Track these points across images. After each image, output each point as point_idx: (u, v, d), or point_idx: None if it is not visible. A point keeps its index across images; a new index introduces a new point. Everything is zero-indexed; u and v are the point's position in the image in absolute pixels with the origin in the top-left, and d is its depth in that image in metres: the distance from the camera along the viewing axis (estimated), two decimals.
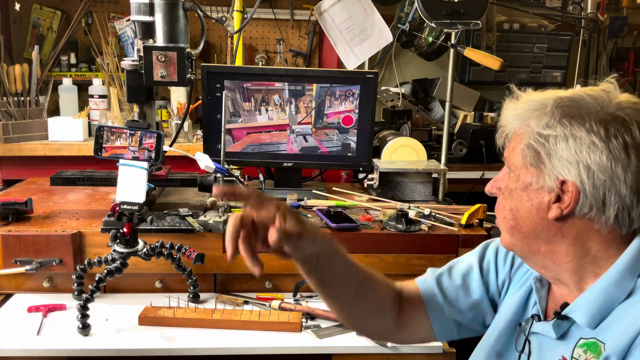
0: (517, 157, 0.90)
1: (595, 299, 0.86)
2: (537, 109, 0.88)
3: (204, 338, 1.43)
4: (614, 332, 0.83)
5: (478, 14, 1.91)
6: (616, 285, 0.85)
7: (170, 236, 1.56)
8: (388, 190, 2.04)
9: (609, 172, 0.82)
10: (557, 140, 0.85)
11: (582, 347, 0.86)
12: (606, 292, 0.85)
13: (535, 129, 0.87)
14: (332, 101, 1.99)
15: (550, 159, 0.85)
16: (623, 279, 0.85)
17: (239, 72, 1.98)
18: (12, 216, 1.66)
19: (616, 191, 0.82)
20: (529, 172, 0.89)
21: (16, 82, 2.38)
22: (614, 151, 0.81)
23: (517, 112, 0.91)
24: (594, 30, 2.94)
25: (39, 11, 2.75)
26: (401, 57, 3.04)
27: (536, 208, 0.88)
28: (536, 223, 0.89)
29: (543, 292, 0.99)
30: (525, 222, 0.91)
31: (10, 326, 1.46)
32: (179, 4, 1.59)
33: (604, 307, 0.85)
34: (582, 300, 0.88)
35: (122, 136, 1.43)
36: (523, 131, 0.90)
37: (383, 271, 1.65)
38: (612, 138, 0.82)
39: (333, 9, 2.26)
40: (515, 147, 0.91)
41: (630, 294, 0.85)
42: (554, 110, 0.86)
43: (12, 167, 2.41)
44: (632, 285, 0.85)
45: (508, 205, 0.93)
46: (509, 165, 0.94)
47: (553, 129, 0.85)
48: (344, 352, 1.42)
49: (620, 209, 0.83)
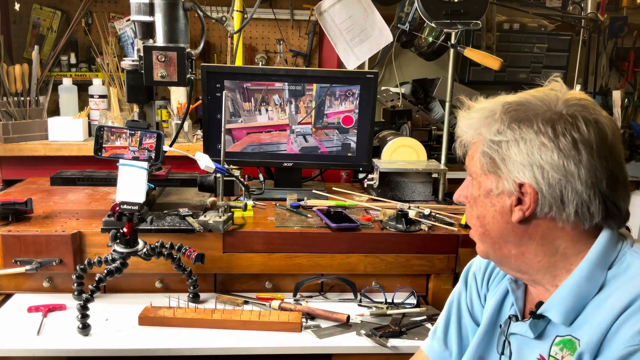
0: (475, 165, 0.93)
1: (568, 296, 0.87)
2: (487, 117, 0.91)
3: (204, 338, 1.43)
4: (587, 328, 0.84)
5: (478, 14, 1.91)
6: (587, 281, 0.86)
7: (170, 236, 1.56)
8: (388, 190, 2.04)
9: (562, 170, 0.83)
10: (508, 145, 0.87)
11: (558, 345, 0.88)
12: (578, 288, 0.87)
13: (487, 136, 0.89)
14: (332, 101, 1.99)
15: (505, 164, 0.88)
16: (593, 274, 0.86)
17: (239, 72, 1.98)
18: (12, 216, 1.66)
19: (572, 188, 0.84)
20: (488, 179, 0.91)
21: (16, 82, 2.38)
22: (564, 149, 0.83)
23: (470, 121, 0.94)
24: (594, 30, 2.94)
25: (39, 11, 2.75)
26: (401, 57, 3.04)
27: (500, 213, 0.91)
28: (502, 227, 0.91)
29: (519, 292, 1.00)
30: (492, 228, 0.93)
31: (10, 326, 1.45)
32: (179, 4, 1.59)
33: (577, 303, 0.86)
34: (555, 298, 0.89)
35: (122, 136, 1.43)
36: (477, 140, 0.92)
37: (383, 271, 1.67)
38: (560, 136, 0.83)
39: (333, 9, 2.26)
40: (472, 155, 0.94)
41: (602, 287, 0.86)
42: (502, 116, 0.88)
43: (12, 167, 2.41)
44: (602, 279, 0.86)
45: (474, 212, 0.95)
46: (470, 174, 0.96)
47: (504, 134, 0.87)
48: (344, 352, 1.42)
49: (579, 205, 0.85)
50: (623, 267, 0.86)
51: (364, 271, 1.67)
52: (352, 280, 1.66)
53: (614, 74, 3.16)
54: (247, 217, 1.74)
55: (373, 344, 1.42)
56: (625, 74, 3.13)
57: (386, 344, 1.42)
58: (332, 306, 1.60)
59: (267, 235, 1.64)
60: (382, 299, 1.63)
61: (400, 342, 1.43)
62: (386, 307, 1.59)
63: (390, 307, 1.59)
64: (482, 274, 1.12)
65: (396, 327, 1.47)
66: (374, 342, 1.42)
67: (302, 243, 1.65)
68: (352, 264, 1.66)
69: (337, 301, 1.66)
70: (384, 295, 1.63)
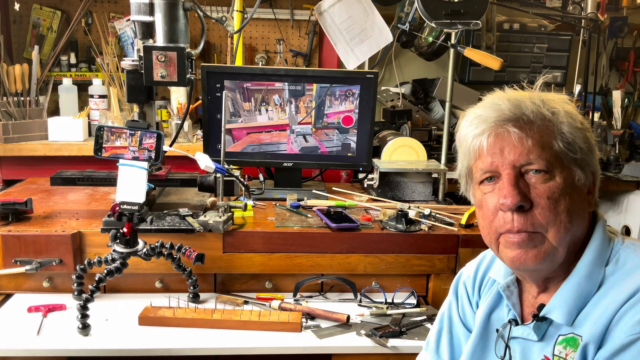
0: (551, 158, 0.88)
1: (570, 296, 0.88)
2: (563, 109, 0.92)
3: (204, 338, 1.43)
4: (588, 323, 0.85)
5: (478, 14, 1.91)
6: (587, 279, 0.88)
7: (170, 236, 1.56)
8: (388, 190, 2.04)
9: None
10: (585, 133, 0.90)
11: (561, 344, 0.88)
12: (578, 288, 0.88)
13: (567, 126, 0.90)
14: (332, 101, 1.99)
15: (582, 153, 0.90)
16: (592, 273, 0.88)
17: (239, 72, 1.98)
18: (12, 216, 1.66)
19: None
20: (569, 170, 0.90)
21: (16, 82, 2.38)
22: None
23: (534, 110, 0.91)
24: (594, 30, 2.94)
25: (39, 11, 2.75)
26: (401, 57, 3.04)
27: (584, 200, 0.91)
28: (584, 219, 0.91)
29: (514, 298, 1.00)
30: (577, 221, 0.90)
31: (10, 326, 1.45)
32: (179, 4, 1.59)
33: (579, 302, 0.88)
34: (557, 299, 0.90)
35: (122, 136, 1.43)
36: (548, 133, 0.89)
37: (383, 271, 1.67)
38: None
39: (333, 9, 2.26)
40: (546, 146, 0.88)
41: (601, 284, 0.87)
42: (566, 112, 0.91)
43: (12, 167, 2.41)
44: (600, 276, 0.88)
45: (562, 207, 0.88)
46: (544, 166, 0.88)
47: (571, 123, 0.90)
48: (344, 352, 1.42)
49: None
50: (620, 263, 0.88)
51: (364, 271, 1.67)
52: (352, 280, 1.66)
53: (614, 74, 3.16)
54: (247, 217, 1.74)
55: (373, 344, 1.42)
56: (625, 74, 3.13)
57: (386, 344, 1.42)
58: (332, 306, 1.60)
59: (267, 235, 1.64)
60: (382, 299, 1.63)
61: (400, 342, 1.43)
62: (386, 307, 1.59)
63: (390, 307, 1.59)
64: (473, 281, 1.12)
65: (396, 327, 1.47)
66: (374, 342, 1.42)
67: (302, 243, 1.65)
68: (352, 264, 1.66)
69: (337, 301, 1.66)
70: (384, 295, 1.63)
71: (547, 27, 2.98)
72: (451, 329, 1.14)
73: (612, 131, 2.77)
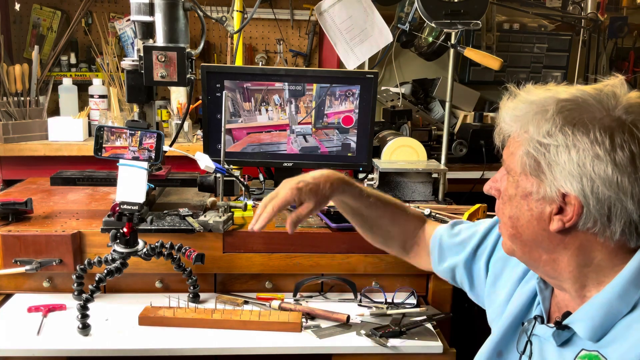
0: (516, 163, 0.86)
1: (597, 312, 0.82)
2: (537, 113, 0.82)
3: (204, 338, 1.43)
4: (618, 347, 0.79)
5: (478, 14, 1.91)
6: (620, 298, 0.81)
7: (170, 236, 1.56)
8: (388, 190, 2.04)
9: (614, 187, 0.76)
10: (558, 150, 0.79)
11: (583, 359, 0.83)
12: (609, 305, 0.81)
13: (535, 136, 0.81)
14: (332, 101, 1.99)
15: (552, 170, 0.80)
16: (627, 292, 0.80)
17: (239, 72, 1.98)
18: (12, 216, 1.66)
19: (622, 206, 0.77)
20: (529, 181, 0.84)
21: (16, 82, 2.38)
22: (620, 163, 0.76)
23: (516, 113, 0.86)
24: (594, 30, 2.94)
25: (39, 11, 2.75)
26: (401, 57, 3.04)
27: (537, 219, 0.85)
28: (537, 233, 0.86)
29: (547, 292, 0.96)
30: (526, 232, 0.87)
31: (10, 326, 1.45)
32: (179, 4, 1.59)
33: (607, 320, 0.81)
34: (584, 312, 0.84)
35: (122, 136, 1.43)
36: (522, 137, 0.84)
37: (383, 271, 1.67)
38: (617, 149, 0.76)
39: (333, 9, 2.26)
40: (514, 152, 0.86)
41: (635, 306, 0.80)
42: (555, 116, 0.80)
43: (12, 167, 2.41)
44: (636, 297, 0.80)
45: (507, 211, 0.89)
46: (507, 169, 0.89)
47: (554, 137, 0.79)
48: (344, 352, 1.42)
49: (627, 224, 0.79)
50: None
51: (364, 271, 1.67)
52: (352, 280, 1.65)
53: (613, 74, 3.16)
54: (247, 217, 1.74)
55: (373, 344, 1.42)
56: (625, 74, 3.13)
57: (386, 344, 1.41)
58: (332, 306, 1.60)
59: (267, 235, 1.64)
60: (382, 299, 1.63)
61: (400, 342, 1.43)
62: (386, 307, 1.59)
63: (390, 307, 1.59)
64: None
65: (396, 327, 1.47)
66: (374, 342, 1.42)
67: (302, 243, 1.65)
68: (352, 264, 1.66)
69: (337, 301, 1.66)
70: (384, 295, 1.63)
71: (547, 27, 2.98)
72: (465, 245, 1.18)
73: None
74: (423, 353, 1.43)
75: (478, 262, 1.16)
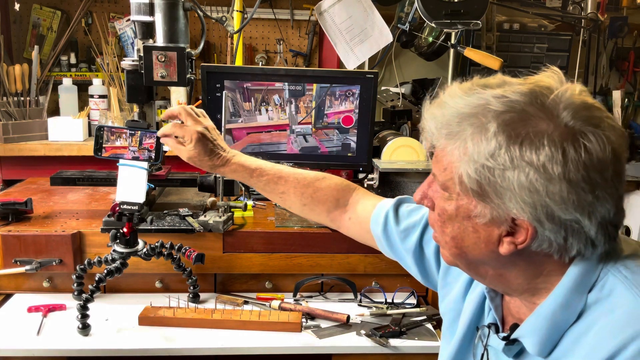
0: (452, 182, 0.77)
1: (543, 325, 0.77)
2: (476, 132, 0.72)
3: (204, 338, 1.43)
4: None
5: (478, 14, 1.91)
6: (563, 308, 0.76)
7: (170, 236, 1.56)
8: (388, 190, 2.04)
9: (570, 209, 0.70)
10: (505, 174, 0.70)
11: None
12: (553, 317, 0.76)
13: (476, 157, 0.72)
14: (332, 101, 1.99)
15: (499, 196, 0.72)
16: (570, 301, 0.75)
17: (239, 72, 1.98)
18: (12, 216, 1.66)
19: (579, 226, 0.71)
20: (471, 202, 0.75)
21: (16, 82, 2.38)
22: (575, 181, 0.68)
23: (448, 129, 0.76)
24: (594, 30, 2.94)
25: (39, 11, 2.75)
26: (401, 57, 3.03)
27: (484, 242, 0.77)
28: (484, 254, 0.78)
29: (498, 299, 0.90)
30: (472, 252, 0.80)
31: (10, 326, 1.45)
32: (179, 4, 1.58)
33: (554, 332, 0.77)
34: (530, 325, 0.80)
35: (122, 136, 1.43)
36: (458, 156, 0.74)
37: (383, 271, 1.67)
38: (571, 166, 0.68)
39: (333, 9, 2.26)
40: (448, 168, 0.77)
41: (581, 314, 0.75)
42: (497, 134, 0.70)
43: (12, 167, 2.41)
44: (581, 304, 0.75)
45: (449, 231, 0.81)
46: (441, 186, 0.80)
47: (499, 159, 0.70)
48: (344, 352, 1.42)
49: (584, 241, 0.73)
50: (605, 291, 0.75)
51: (364, 271, 1.67)
52: (352, 280, 1.65)
53: (614, 74, 3.16)
54: (247, 217, 1.74)
55: (373, 344, 1.42)
56: (625, 74, 3.13)
57: (386, 344, 1.42)
58: (332, 306, 1.60)
59: (267, 235, 1.64)
60: (382, 299, 1.63)
61: (400, 342, 1.43)
62: (386, 307, 1.59)
63: (390, 307, 1.59)
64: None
65: (396, 327, 1.47)
66: (374, 342, 1.42)
67: (302, 243, 1.65)
68: (352, 264, 1.66)
69: (337, 301, 1.66)
70: (384, 295, 1.63)
71: (547, 27, 2.98)
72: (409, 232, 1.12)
73: None
74: (423, 353, 1.43)
75: (426, 252, 1.10)
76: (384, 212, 1.16)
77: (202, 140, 1.22)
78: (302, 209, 1.26)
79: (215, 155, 1.23)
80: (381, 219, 1.16)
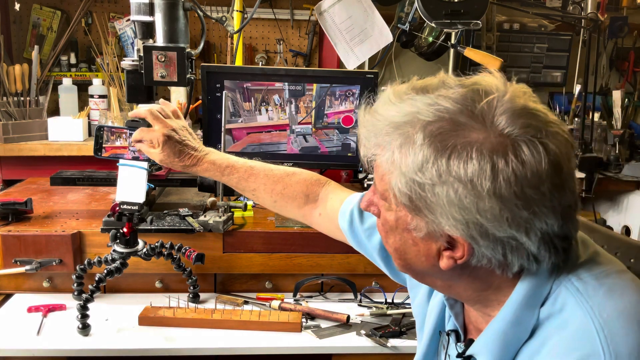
0: (388, 193, 0.73)
1: (495, 342, 0.74)
2: (404, 143, 0.68)
3: (204, 338, 1.43)
4: None
5: (478, 14, 1.91)
6: (514, 326, 0.72)
7: (170, 236, 1.56)
8: None
9: (504, 227, 0.65)
10: (434, 189, 0.66)
11: None
12: (505, 335, 0.73)
13: (405, 171, 0.68)
14: (332, 101, 1.99)
15: (431, 211, 0.68)
16: (520, 318, 0.72)
17: (239, 72, 1.98)
18: (12, 216, 1.66)
19: (517, 242, 0.67)
20: (408, 216, 0.72)
21: (16, 82, 2.38)
22: (507, 198, 0.64)
23: (377, 139, 0.73)
24: (594, 30, 2.94)
25: (39, 11, 2.74)
26: (401, 57, 3.03)
27: (424, 255, 0.74)
28: (427, 267, 0.75)
29: (458, 307, 0.87)
30: (416, 264, 0.77)
31: (10, 326, 1.46)
32: (179, 4, 1.58)
33: (507, 350, 0.73)
34: (483, 342, 0.76)
35: (122, 136, 1.43)
36: (388, 168, 0.71)
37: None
38: (502, 181, 0.63)
39: (333, 9, 2.26)
40: (383, 178, 0.73)
41: (534, 330, 0.72)
42: (424, 146, 0.66)
43: (12, 167, 2.40)
44: (533, 320, 0.72)
45: (391, 242, 0.78)
46: (380, 194, 0.77)
47: (427, 174, 0.66)
48: (344, 352, 1.43)
49: (525, 256, 0.69)
50: (557, 305, 0.71)
51: (364, 271, 1.67)
52: (352, 280, 1.65)
53: (614, 74, 3.16)
54: (247, 217, 1.74)
55: (373, 344, 1.42)
56: (625, 74, 3.13)
57: (386, 344, 1.42)
58: (332, 306, 1.60)
59: (267, 235, 1.64)
60: (382, 299, 1.62)
61: (400, 342, 1.43)
62: (386, 307, 1.59)
63: (390, 307, 1.59)
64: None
65: (396, 327, 1.47)
66: (374, 342, 1.42)
67: (302, 243, 1.65)
68: (352, 264, 1.66)
69: (337, 301, 1.66)
70: (384, 295, 1.63)
71: (547, 27, 2.98)
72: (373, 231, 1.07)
73: (612, 131, 2.77)
74: None
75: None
76: (350, 209, 1.11)
77: (168, 143, 1.19)
78: (273, 206, 1.22)
79: (185, 155, 1.20)
80: (347, 215, 1.12)
